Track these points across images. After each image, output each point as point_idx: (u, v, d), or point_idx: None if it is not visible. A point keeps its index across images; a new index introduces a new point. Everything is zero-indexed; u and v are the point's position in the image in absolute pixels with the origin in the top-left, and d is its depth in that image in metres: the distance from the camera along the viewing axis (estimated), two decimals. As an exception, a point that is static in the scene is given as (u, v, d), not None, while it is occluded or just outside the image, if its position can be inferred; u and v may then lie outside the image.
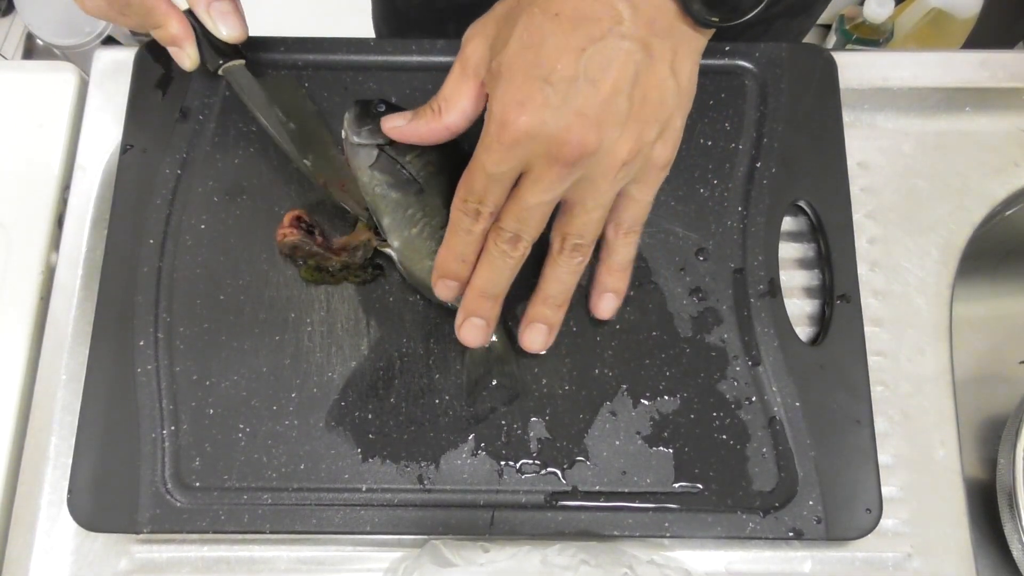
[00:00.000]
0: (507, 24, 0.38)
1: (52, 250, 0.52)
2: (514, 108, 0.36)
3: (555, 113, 0.36)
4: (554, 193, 0.38)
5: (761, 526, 0.45)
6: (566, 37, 0.36)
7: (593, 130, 0.36)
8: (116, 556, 0.46)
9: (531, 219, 0.39)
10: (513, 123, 0.36)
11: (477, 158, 0.38)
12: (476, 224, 0.40)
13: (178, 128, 0.51)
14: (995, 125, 0.56)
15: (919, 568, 0.47)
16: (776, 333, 0.48)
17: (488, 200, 0.39)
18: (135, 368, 0.46)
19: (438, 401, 0.47)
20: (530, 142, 0.36)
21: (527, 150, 0.37)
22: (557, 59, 0.36)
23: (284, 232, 0.47)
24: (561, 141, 0.36)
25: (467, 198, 0.39)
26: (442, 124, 0.42)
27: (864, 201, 0.54)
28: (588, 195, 0.39)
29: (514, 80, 0.36)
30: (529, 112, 0.36)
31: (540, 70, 0.36)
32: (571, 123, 0.36)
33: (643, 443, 0.46)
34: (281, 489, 0.45)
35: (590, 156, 0.37)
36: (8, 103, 0.55)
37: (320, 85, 0.52)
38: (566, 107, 0.36)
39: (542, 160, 0.37)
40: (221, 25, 0.45)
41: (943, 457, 0.49)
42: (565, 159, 0.37)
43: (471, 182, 0.39)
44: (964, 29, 1.30)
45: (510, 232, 0.39)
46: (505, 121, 0.36)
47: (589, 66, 0.36)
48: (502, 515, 0.45)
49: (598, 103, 0.36)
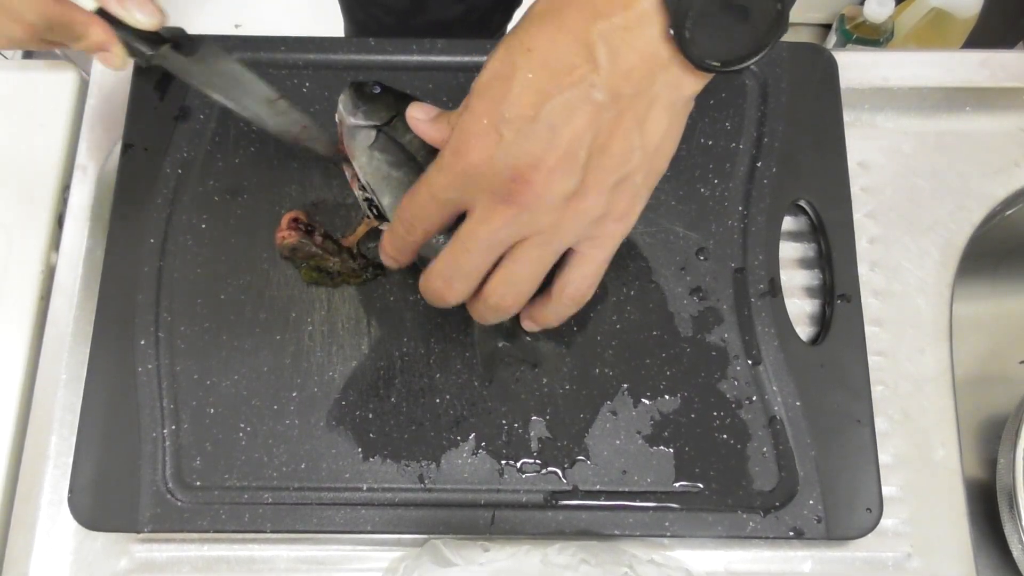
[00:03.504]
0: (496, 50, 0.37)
1: (52, 250, 0.52)
2: (468, 138, 0.35)
3: (506, 152, 0.35)
4: (500, 235, 0.37)
5: (761, 525, 0.45)
6: (535, 76, 0.34)
7: (542, 175, 0.35)
8: (116, 556, 0.46)
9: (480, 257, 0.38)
10: (464, 154, 0.35)
11: (428, 175, 0.37)
12: (409, 236, 0.39)
13: (178, 128, 0.51)
14: (995, 125, 0.56)
15: (919, 568, 0.47)
16: (776, 333, 0.48)
17: (424, 219, 0.38)
18: (136, 367, 0.46)
19: (438, 400, 0.47)
20: (478, 176, 0.35)
21: (474, 183, 0.36)
22: (519, 97, 0.34)
23: (283, 234, 0.47)
24: (507, 180, 0.35)
25: (407, 208, 0.39)
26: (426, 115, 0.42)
27: (864, 201, 0.54)
28: (533, 244, 0.37)
29: (476, 110, 0.35)
30: (481, 146, 0.35)
31: (501, 105, 0.35)
32: (520, 165, 0.35)
33: (644, 442, 0.46)
34: (282, 488, 0.45)
35: (535, 201, 0.35)
36: (8, 103, 0.55)
37: (320, 85, 0.52)
38: (518, 148, 0.34)
39: (487, 197, 0.36)
40: (137, 13, 0.43)
41: (943, 457, 0.49)
42: (509, 200, 0.35)
43: (415, 196, 0.38)
44: (964, 29, 1.30)
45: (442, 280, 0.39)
46: (458, 150, 0.35)
47: (552, 112, 0.34)
48: (503, 514, 0.45)
49: (553, 150, 0.34)
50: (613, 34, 0.34)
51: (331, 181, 0.50)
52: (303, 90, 0.52)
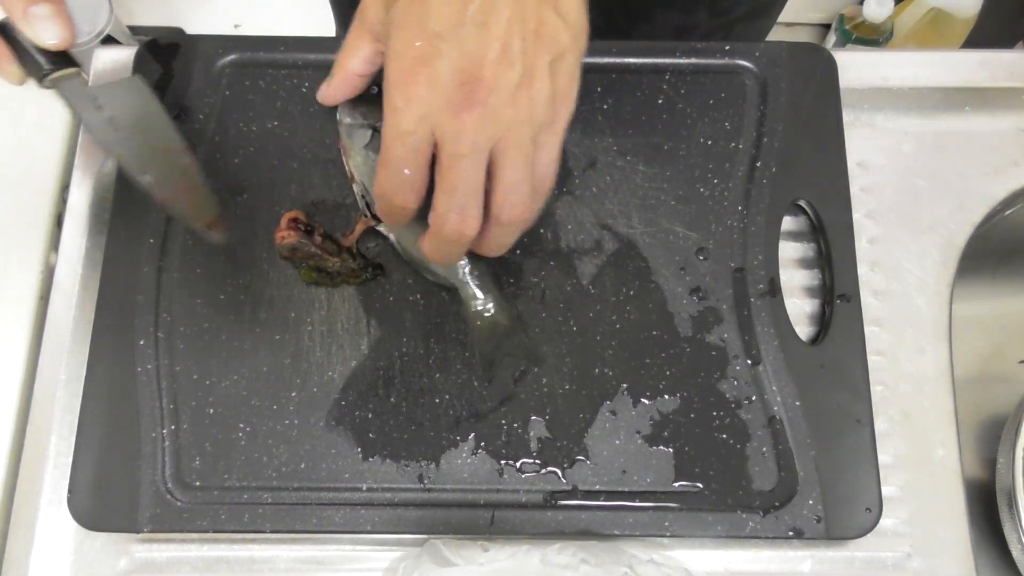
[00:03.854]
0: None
1: (52, 250, 0.52)
2: (408, 63, 0.36)
3: (448, 61, 0.35)
4: (479, 139, 0.36)
5: (761, 525, 0.45)
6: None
7: (488, 70, 0.35)
8: (116, 556, 0.46)
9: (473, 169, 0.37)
10: (410, 81, 0.36)
11: (386, 129, 0.37)
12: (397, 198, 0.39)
13: (178, 127, 0.51)
14: (995, 125, 0.56)
15: (919, 568, 0.47)
16: (776, 333, 0.48)
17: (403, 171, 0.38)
18: (135, 367, 0.46)
19: (438, 400, 0.47)
20: (431, 96, 0.36)
21: (430, 105, 0.36)
22: (443, 9, 0.35)
23: (282, 234, 0.47)
24: (459, 85, 0.35)
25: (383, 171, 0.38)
26: (349, 71, 0.43)
27: (864, 201, 0.54)
28: (510, 145, 0.37)
29: (404, 35, 0.36)
30: (422, 66, 0.35)
31: (429, 24, 0.35)
32: (465, 67, 0.35)
33: (643, 442, 0.46)
34: (281, 488, 0.45)
35: (492, 96, 0.36)
36: (8, 103, 0.55)
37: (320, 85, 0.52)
38: (458, 52, 0.35)
39: (448, 112, 0.36)
40: (41, 31, 0.40)
41: (943, 457, 0.49)
42: (468, 104, 0.36)
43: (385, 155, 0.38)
44: (964, 29, 1.31)
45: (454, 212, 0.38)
46: (402, 81, 0.36)
47: (477, 11, 0.35)
48: (502, 514, 0.45)
49: (489, 45, 0.35)
50: None
51: (331, 181, 0.50)
52: (303, 90, 0.52)
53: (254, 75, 0.52)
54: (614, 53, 0.53)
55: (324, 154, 0.51)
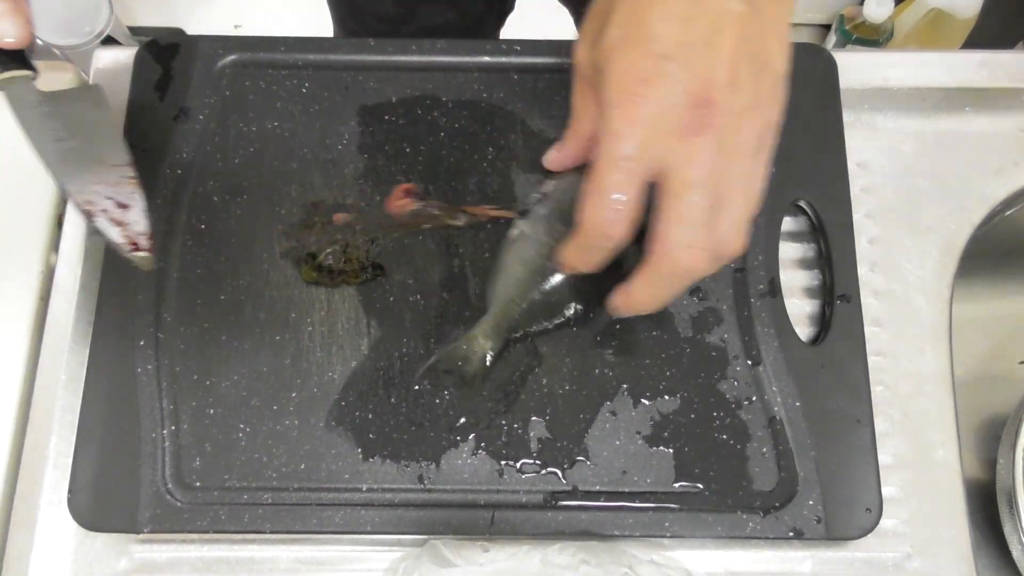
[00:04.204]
0: (604, 17, 0.36)
1: (52, 250, 0.52)
2: (634, 85, 0.33)
3: (678, 83, 0.33)
4: (713, 167, 0.34)
5: (761, 526, 0.45)
6: (672, 8, 0.33)
7: (722, 91, 0.33)
8: (116, 556, 0.46)
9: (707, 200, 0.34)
10: (638, 106, 0.33)
11: (605, 154, 0.35)
12: (609, 233, 0.36)
13: (178, 128, 0.51)
14: (995, 125, 0.56)
15: (919, 568, 0.47)
16: (776, 333, 0.48)
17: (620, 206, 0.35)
18: (135, 368, 0.46)
19: (438, 401, 0.47)
20: (660, 121, 0.33)
21: (659, 131, 0.34)
22: (666, 30, 0.33)
23: (401, 203, 0.48)
24: (691, 108, 0.33)
25: (596, 205, 0.36)
26: (582, 134, 0.41)
27: (864, 201, 0.54)
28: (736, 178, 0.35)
29: (624, 58, 0.34)
30: (653, 86, 0.33)
31: (652, 45, 0.33)
32: (697, 88, 0.33)
33: (643, 443, 0.46)
34: (281, 489, 0.45)
35: (726, 117, 0.34)
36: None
37: (320, 85, 0.52)
38: (688, 73, 0.33)
39: (676, 138, 0.34)
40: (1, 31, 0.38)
41: (943, 457, 0.49)
42: (701, 128, 0.33)
43: (604, 182, 0.35)
44: (964, 29, 1.30)
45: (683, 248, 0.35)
46: (627, 101, 0.34)
47: (703, 32, 0.33)
48: (502, 515, 0.45)
49: (720, 65, 0.33)
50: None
51: (331, 181, 0.50)
52: (303, 90, 0.52)
53: (254, 75, 0.52)
54: (614, 53, 0.53)
55: (324, 154, 0.51)
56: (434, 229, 0.49)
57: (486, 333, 0.46)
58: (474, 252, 0.49)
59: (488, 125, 0.52)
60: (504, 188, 0.50)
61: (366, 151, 0.51)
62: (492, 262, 0.48)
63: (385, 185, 0.50)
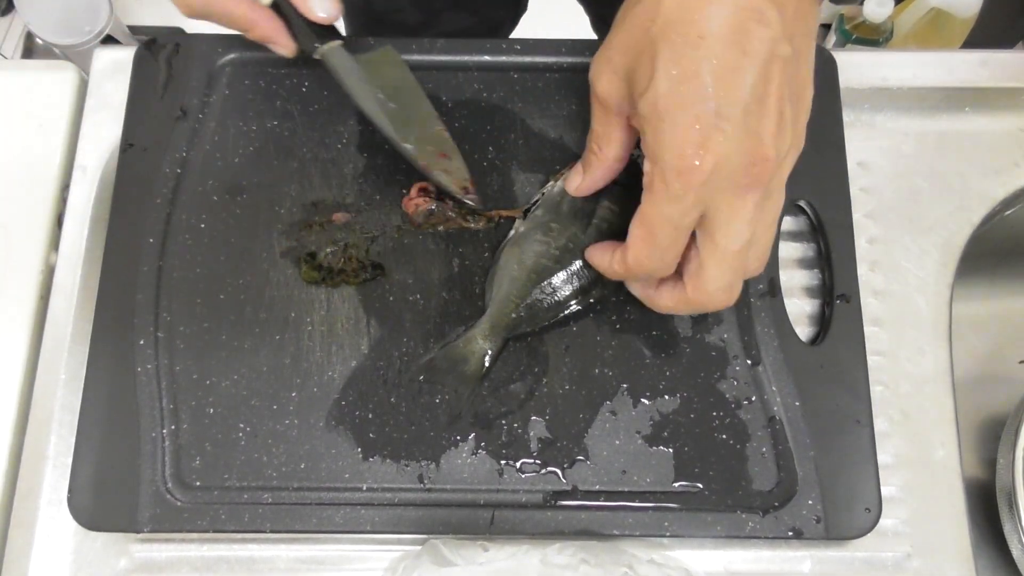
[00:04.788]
0: (640, 56, 0.36)
1: (52, 250, 0.52)
2: (693, 150, 0.34)
3: (735, 143, 0.34)
4: (753, 226, 0.36)
5: (761, 525, 0.45)
6: (721, 60, 0.34)
7: (772, 148, 0.35)
8: (116, 556, 0.46)
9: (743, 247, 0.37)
10: (698, 166, 0.34)
11: (658, 211, 0.36)
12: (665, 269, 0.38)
13: (178, 127, 0.51)
14: (995, 125, 0.56)
15: (919, 568, 0.47)
16: (776, 333, 0.48)
17: (674, 250, 0.37)
18: (135, 367, 0.46)
19: (438, 400, 0.47)
20: (715, 180, 0.35)
21: (712, 189, 0.35)
22: (720, 86, 0.34)
23: (416, 202, 0.48)
24: (747, 166, 0.35)
25: (645, 257, 0.38)
26: (609, 159, 0.41)
27: (864, 201, 0.54)
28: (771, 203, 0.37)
29: (681, 119, 0.34)
30: (711, 150, 0.34)
31: (707, 104, 0.34)
32: (753, 148, 0.34)
33: (643, 442, 0.46)
34: (281, 488, 0.45)
35: (774, 172, 0.35)
36: (8, 103, 0.55)
37: (320, 84, 0.52)
38: (744, 133, 0.34)
39: (728, 194, 0.35)
40: (316, 7, 0.44)
41: (943, 457, 0.49)
42: (752, 185, 0.35)
43: (655, 237, 0.37)
44: (964, 29, 1.30)
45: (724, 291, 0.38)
46: (686, 166, 0.34)
47: (755, 85, 0.34)
48: (502, 514, 0.45)
49: (769, 118, 0.34)
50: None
51: (331, 181, 0.50)
52: (303, 90, 0.52)
53: (254, 75, 0.52)
54: (614, 53, 0.53)
55: (324, 154, 0.51)
56: (447, 230, 0.49)
57: (484, 333, 0.46)
58: (474, 251, 0.49)
59: (488, 125, 0.52)
60: (504, 188, 0.50)
61: (366, 151, 0.51)
62: (492, 261, 0.48)
63: (385, 185, 0.50)
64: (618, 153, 0.41)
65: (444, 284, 0.49)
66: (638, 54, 0.36)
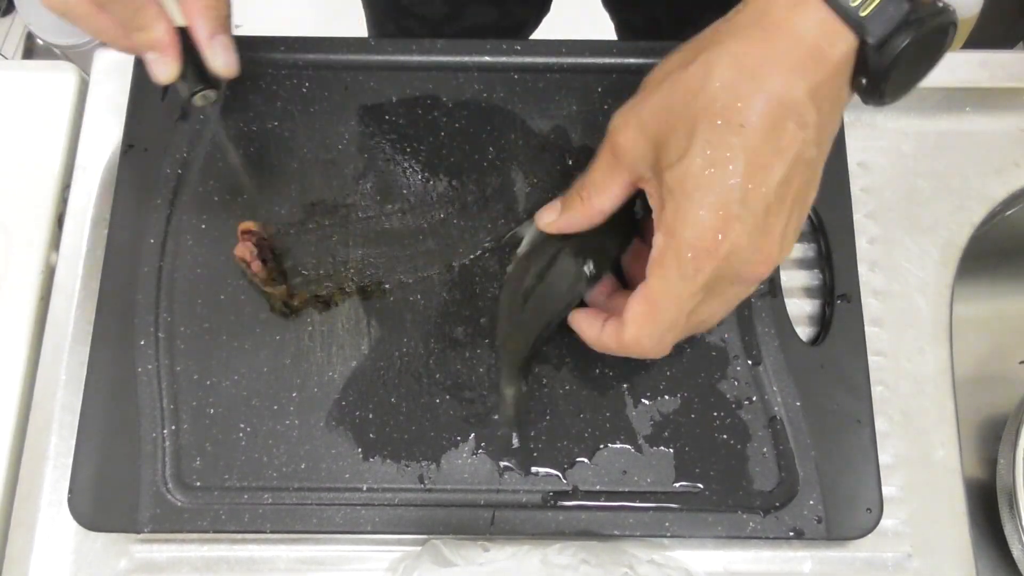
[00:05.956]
0: (675, 126, 0.36)
1: (52, 250, 0.52)
2: (712, 233, 0.34)
3: (750, 236, 0.35)
4: (722, 308, 0.38)
5: (761, 526, 0.45)
6: (755, 153, 0.34)
7: (777, 246, 0.36)
8: (116, 556, 0.46)
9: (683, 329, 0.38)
10: (714, 252, 0.35)
11: (667, 288, 0.36)
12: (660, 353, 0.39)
13: (178, 128, 0.51)
14: (995, 125, 0.56)
15: (919, 568, 0.47)
16: (776, 333, 0.48)
17: (674, 333, 0.38)
18: (135, 368, 0.46)
19: (438, 401, 0.47)
20: (725, 267, 0.35)
21: (721, 277, 0.36)
22: (750, 178, 0.34)
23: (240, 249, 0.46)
24: (755, 263, 0.35)
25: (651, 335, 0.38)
26: (594, 210, 0.41)
27: (864, 201, 0.54)
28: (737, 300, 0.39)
29: (707, 202, 0.34)
30: (729, 237, 0.34)
31: (735, 193, 0.34)
32: (763, 245, 0.35)
33: (644, 443, 0.46)
34: (282, 489, 0.45)
35: (775, 253, 0.36)
36: (8, 103, 0.55)
37: (320, 85, 0.52)
38: (762, 229, 0.35)
39: (726, 283, 0.36)
40: (221, 58, 0.42)
41: (943, 457, 0.49)
42: (753, 280, 0.37)
43: (659, 316, 0.37)
44: (964, 29, 1.30)
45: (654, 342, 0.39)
46: (704, 248, 0.35)
47: (780, 184, 0.34)
48: (503, 514, 0.45)
49: (782, 219, 0.35)
50: (817, 90, 0.34)
51: (331, 181, 0.50)
52: (303, 90, 0.52)
53: (254, 75, 0.52)
54: (614, 53, 0.53)
55: (324, 154, 0.51)
56: None
57: (507, 379, 0.46)
58: (473, 251, 0.49)
59: (488, 125, 0.52)
60: (504, 188, 0.50)
61: (366, 151, 0.51)
62: (490, 261, 0.48)
63: (385, 185, 0.50)
64: (605, 207, 0.41)
65: (444, 284, 0.49)
66: (674, 122, 0.36)
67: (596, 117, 0.52)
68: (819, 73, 0.34)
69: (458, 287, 0.49)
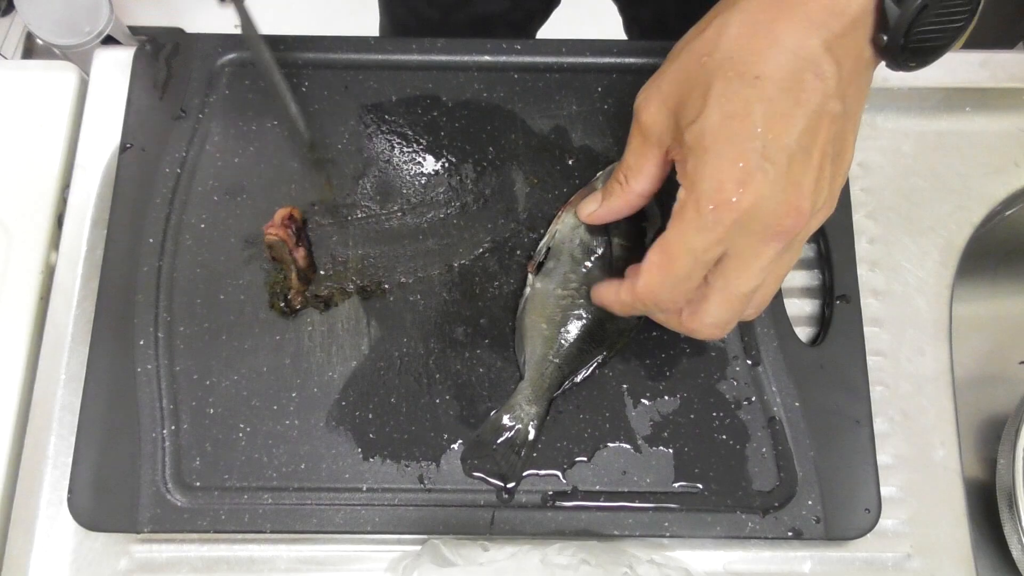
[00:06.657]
0: (692, 88, 0.35)
1: (52, 250, 0.52)
2: (733, 185, 0.34)
3: (774, 188, 0.34)
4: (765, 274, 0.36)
5: (761, 526, 0.45)
6: (773, 104, 0.33)
7: (808, 201, 0.34)
8: (116, 556, 0.46)
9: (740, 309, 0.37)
10: (735, 203, 0.34)
11: (683, 239, 0.35)
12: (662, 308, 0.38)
13: (178, 127, 0.51)
14: (995, 125, 0.56)
15: (919, 568, 0.47)
16: (776, 333, 0.48)
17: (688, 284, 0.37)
18: (135, 368, 0.46)
19: (438, 401, 0.47)
20: (749, 220, 0.34)
21: (741, 229, 0.34)
22: (769, 129, 0.33)
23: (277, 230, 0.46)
24: (781, 215, 0.34)
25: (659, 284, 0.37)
26: (634, 193, 0.41)
27: (864, 201, 0.54)
28: (790, 254, 0.37)
29: (726, 153, 0.34)
30: (751, 189, 0.33)
31: (754, 142, 0.33)
32: (791, 198, 0.34)
33: (643, 443, 0.46)
34: (281, 489, 0.45)
35: (803, 227, 0.35)
36: (8, 103, 0.55)
37: (320, 84, 0.52)
38: (786, 181, 0.34)
39: (755, 238, 0.35)
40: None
41: (943, 457, 0.49)
42: (781, 235, 0.35)
43: (673, 266, 0.36)
44: (964, 29, 1.30)
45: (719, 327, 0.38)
46: (723, 200, 0.34)
47: (802, 134, 0.34)
48: (502, 515, 0.45)
49: (811, 172, 0.34)
50: (834, 43, 0.34)
51: (331, 181, 0.50)
52: (303, 89, 0.52)
53: (254, 74, 0.52)
54: (614, 53, 0.53)
55: (324, 154, 0.51)
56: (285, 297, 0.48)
57: (528, 399, 0.46)
58: (473, 251, 0.49)
59: (488, 125, 0.52)
60: (504, 188, 0.50)
61: (366, 151, 0.51)
62: (490, 261, 0.48)
63: (385, 185, 0.50)
64: (644, 188, 0.40)
65: (444, 284, 0.49)
66: (691, 85, 0.35)
67: (596, 117, 0.52)
68: (835, 26, 0.34)
69: (458, 287, 0.49)
